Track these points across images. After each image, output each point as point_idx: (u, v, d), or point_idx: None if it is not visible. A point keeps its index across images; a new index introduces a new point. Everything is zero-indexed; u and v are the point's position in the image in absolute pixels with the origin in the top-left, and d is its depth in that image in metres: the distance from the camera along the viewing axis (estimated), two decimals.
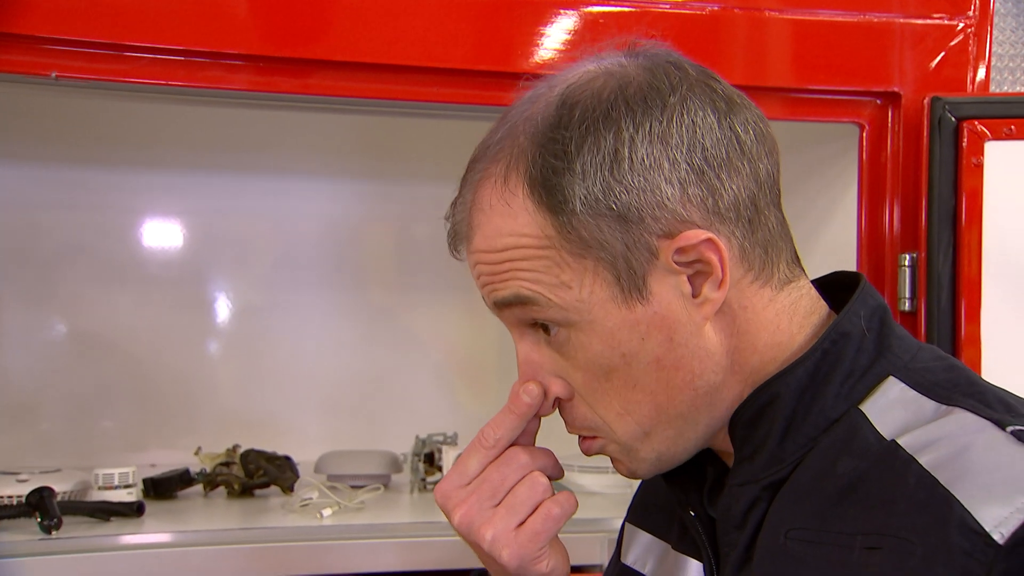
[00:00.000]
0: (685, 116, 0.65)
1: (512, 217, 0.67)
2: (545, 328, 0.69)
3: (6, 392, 1.84)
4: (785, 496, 0.65)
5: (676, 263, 0.65)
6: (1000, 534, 0.54)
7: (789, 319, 0.68)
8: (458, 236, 0.72)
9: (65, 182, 1.89)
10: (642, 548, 0.83)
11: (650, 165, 0.64)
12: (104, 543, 1.28)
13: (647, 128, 0.65)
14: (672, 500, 0.77)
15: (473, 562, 1.36)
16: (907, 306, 1.40)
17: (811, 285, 0.72)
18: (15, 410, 1.84)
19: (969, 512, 0.55)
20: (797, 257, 0.71)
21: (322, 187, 2.03)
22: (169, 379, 1.92)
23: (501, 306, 0.70)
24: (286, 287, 2.00)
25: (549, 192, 0.65)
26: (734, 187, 0.66)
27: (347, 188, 2.04)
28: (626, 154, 0.64)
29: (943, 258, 1.37)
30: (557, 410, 0.74)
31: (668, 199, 0.64)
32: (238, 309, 2.00)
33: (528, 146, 0.67)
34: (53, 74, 1.22)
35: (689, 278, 0.66)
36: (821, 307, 0.71)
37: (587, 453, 0.74)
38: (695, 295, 0.66)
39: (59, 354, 1.89)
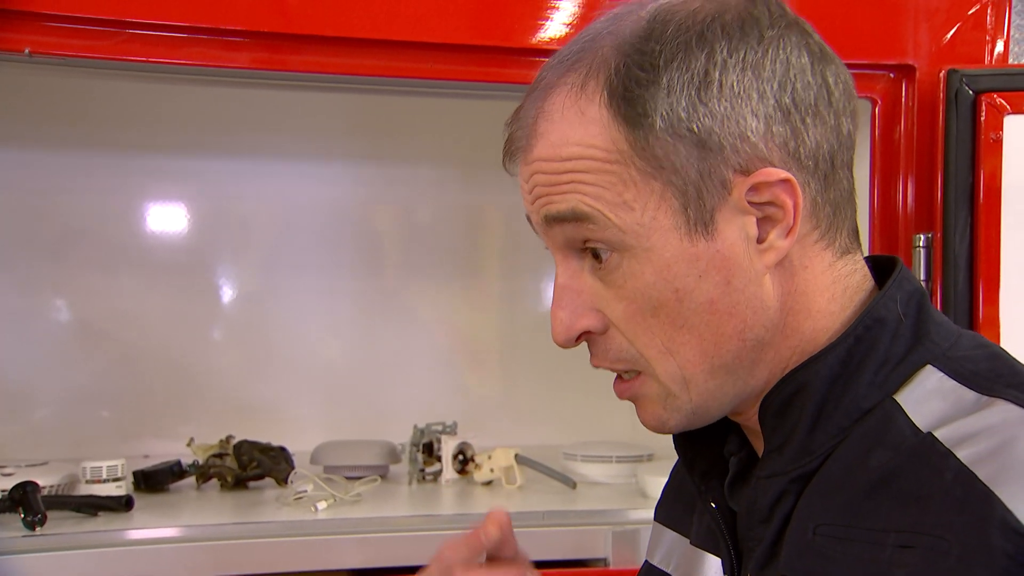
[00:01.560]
0: (780, 52, 0.62)
1: (584, 125, 0.63)
2: (595, 254, 0.65)
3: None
4: (814, 490, 0.62)
5: (749, 202, 0.61)
6: None
7: (843, 291, 0.65)
8: (514, 146, 0.67)
9: (64, 166, 1.85)
10: (667, 546, 0.80)
11: (739, 93, 0.61)
12: (91, 539, 1.24)
13: (741, 55, 0.61)
14: (692, 492, 0.73)
15: None
16: None
17: (864, 263, 0.67)
18: (8, 400, 1.80)
19: (1011, 511, 0.51)
20: (857, 230, 0.67)
21: (323, 170, 1.99)
22: (167, 368, 1.89)
23: (552, 221, 0.65)
24: (286, 271, 1.97)
25: (629, 103, 0.61)
26: (817, 135, 0.62)
27: (350, 171, 2.01)
28: (716, 77, 0.61)
29: (960, 238, 1.32)
30: (585, 344, 0.68)
31: (752, 132, 0.61)
32: (238, 294, 1.97)
33: (612, 55, 0.63)
34: (27, 50, 1.18)
35: (758, 221, 0.62)
36: (870, 285, 0.67)
37: (621, 396, 0.69)
38: (760, 240, 0.62)
39: (55, 342, 1.86)
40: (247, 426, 1.67)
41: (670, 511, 0.82)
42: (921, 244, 1.36)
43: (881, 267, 0.68)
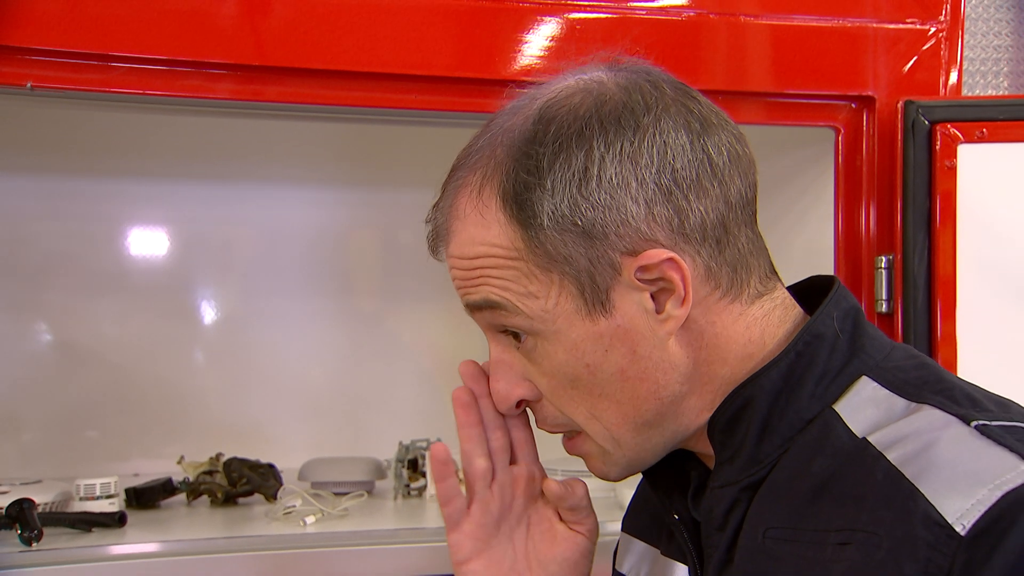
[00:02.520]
0: (657, 137, 0.67)
1: (485, 227, 0.69)
2: (515, 335, 0.71)
3: None
4: (763, 496, 0.66)
5: (639, 280, 0.67)
6: (962, 525, 0.55)
7: (761, 330, 0.70)
8: (438, 238, 0.75)
9: (49, 192, 1.89)
10: (636, 556, 0.84)
11: (617, 184, 0.66)
12: (86, 554, 1.27)
13: (618, 148, 0.66)
14: (658, 505, 0.78)
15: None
16: (884, 307, 1.42)
17: (787, 294, 0.73)
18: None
19: (933, 505, 0.56)
20: (773, 269, 0.73)
21: (306, 195, 2.03)
22: (153, 388, 1.92)
23: (473, 308, 0.72)
24: (270, 295, 2.00)
25: (520, 206, 0.68)
26: (702, 208, 0.67)
27: (331, 196, 2.04)
28: (595, 172, 0.66)
29: (919, 260, 1.39)
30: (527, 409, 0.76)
31: (633, 217, 0.66)
32: (222, 317, 2.00)
33: (504, 159, 0.69)
34: (29, 84, 1.22)
35: (653, 295, 0.67)
36: (795, 314, 0.72)
37: (569, 452, 0.76)
38: (659, 311, 0.67)
39: (42, 364, 1.88)
40: (234, 445, 1.70)
41: (638, 522, 0.87)
42: (883, 266, 1.43)
43: (822, 287, 0.73)
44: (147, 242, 1.96)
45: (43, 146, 1.86)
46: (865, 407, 0.66)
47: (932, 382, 0.67)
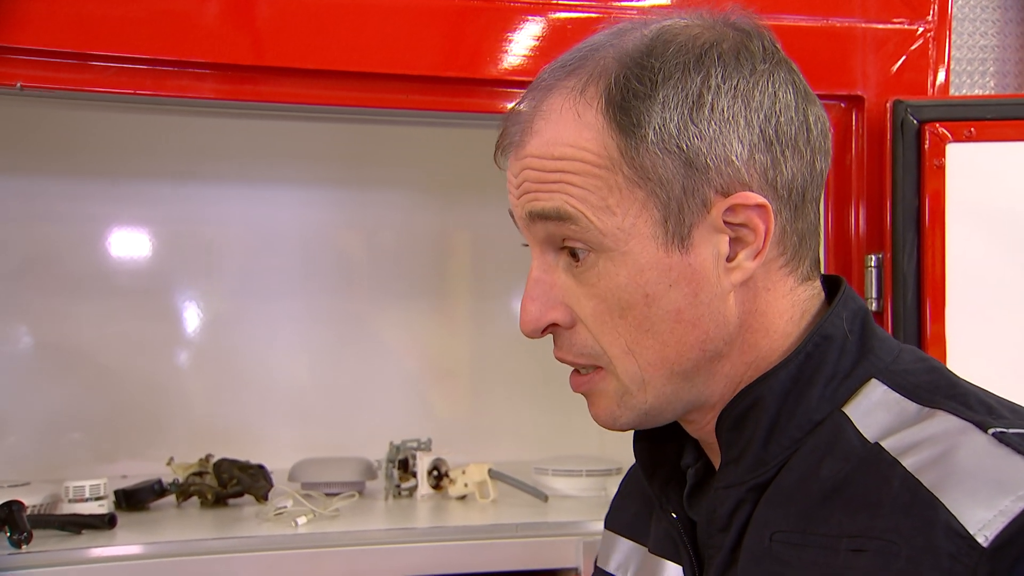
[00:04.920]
0: (769, 86, 0.66)
1: (579, 129, 0.66)
2: (572, 252, 0.68)
3: None
4: (770, 499, 0.65)
5: (724, 222, 0.65)
6: (984, 536, 0.54)
7: (801, 315, 0.69)
8: (508, 140, 0.70)
9: (29, 192, 1.87)
10: (622, 554, 0.83)
11: (728, 118, 0.64)
12: (76, 556, 1.26)
13: (734, 82, 0.65)
14: (651, 502, 0.77)
15: (449, 567, 1.36)
16: (874, 306, 1.43)
17: (821, 290, 0.72)
18: None
19: (954, 515, 0.55)
20: (819, 260, 0.72)
21: (292, 195, 2.02)
22: (139, 390, 1.90)
23: (536, 218, 0.68)
24: (256, 295, 1.99)
25: (625, 112, 0.64)
26: (793, 168, 0.66)
27: (317, 195, 2.04)
28: (709, 100, 0.64)
29: (908, 259, 1.40)
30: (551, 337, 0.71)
31: (736, 156, 0.64)
32: (208, 318, 1.98)
33: (613, 65, 0.66)
34: (18, 84, 1.22)
35: (730, 241, 0.66)
36: (822, 309, 0.71)
37: (576, 389, 0.72)
38: (730, 259, 0.66)
39: (26, 366, 1.87)
40: (222, 447, 1.69)
41: (623, 519, 0.85)
42: (873, 264, 1.44)
43: (828, 287, 0.72)
44: (131, 243, 1.95)
45: (25, 146, 1.84)
46: (876, 411, 0.65)
47: (944, 387, 0.66)
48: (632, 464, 0.85)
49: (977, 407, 0.63)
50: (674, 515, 0.73)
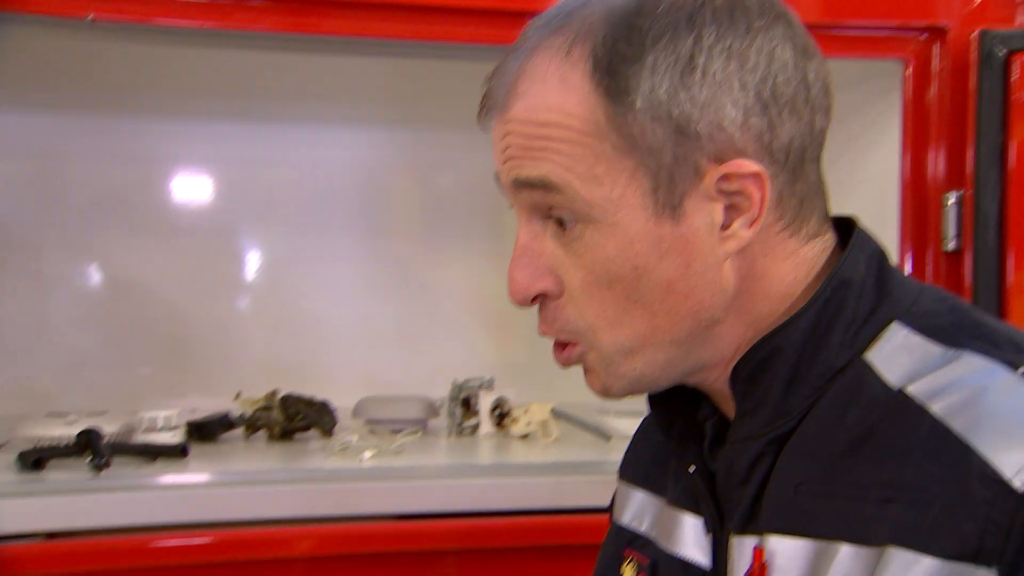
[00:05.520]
0: (766, 44, 0.62)
1: (564, 93, 0.62)
2: (559, 221, 0.65)
3: (50, 339, 1.87)
4: (793, 450, 0.63)
5: (718, 190, 0.62)
6: (1021, 480, 0.53)
7: (807, 272, 0.66)
8: (491, 102, 0.67)
9: (100, 130, 1.90)
10: (637, 506, 0.81)
11: (721, 81, 0.61)
12: (150, 482, 1.30)
13: (727, 43, 0.61)
14: (668, 455, 0.75)
15: (512, 503, 1.37)
16: (952, 245, 1.38)
17: (835, 241, 0.69)
18: (60, 356, 1.87)
19: (987, 460, 0.54)
20: (827, 214, 0.69)
21: (354, 134, 2.02)
22: (206, 327, 1.94)
23: (521, 186, 0.65)
24: (318, 235, 2.00)
25: (612, 77, 0.61)
26: (791, 130, 0.63)
27: (379, 134, 2.03)
28: (700, 63, 0.61)
29: (990, 198, 1.35)
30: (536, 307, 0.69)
31: (729, 122, 0.61)
32: (271, 258, 2.01)
33: (600, 25, 0.62)
34: (90, 16, 1.22)
35: (724, 209, 0.63)
36: (835, 260, 0.68)
37: (563, 363, 0.70)
38: (724, 227, 0.63)
39: (98, 302, 1.92)
40: (286, 384, 1.72)
41: (638, 470, 0.83)
42: (952, 202, 1.39)
43: (842, 228, 0.69)
44: (193, 182, 1.97)
45: (94, 84, 1.86)
46: (898, 355, 0.62)
47: (968, 326, 0.63)
48: (645, 415, 0.84)
49: (1004, 345, 0.61)
50: (693, 467, 0.71)
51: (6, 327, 1.85)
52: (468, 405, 1.68)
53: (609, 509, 0.87)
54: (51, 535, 1.19)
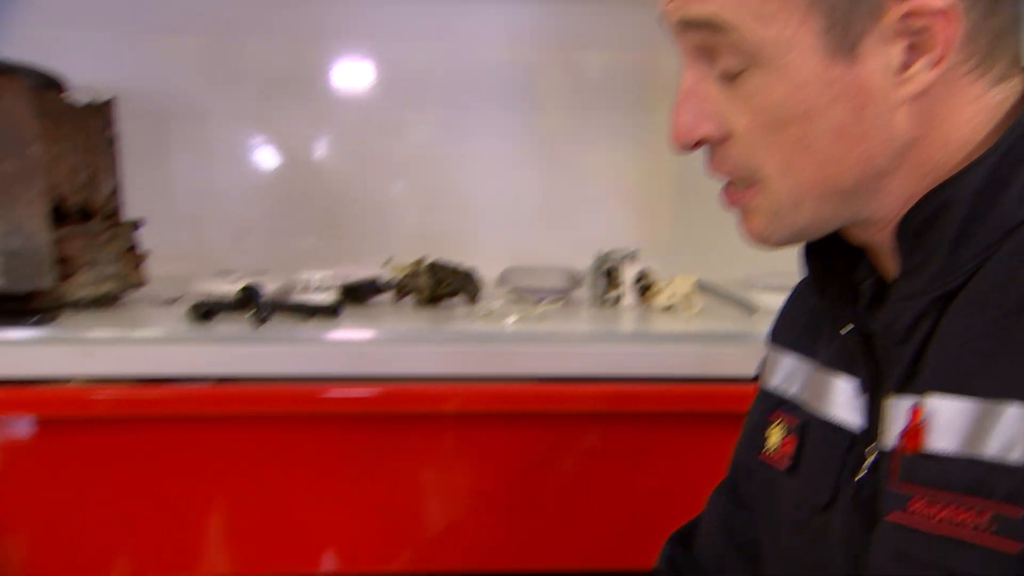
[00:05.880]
0: None
1: None
2: (725, 63, 0.63)
3: (219, 206, 1.98)
4: (960, 307, 0.60)
5: (899, 29, 0.58)
6: None
7: (989, 119, 0.61)
8: None
9: (268, 4, 1.94)
10: (788, 369, 0.79)
11: None
12: (307, 336, 1.37)
13: None
14: (822, 318, 0.73)
15: (654, 369, 1.36)
16: None
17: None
18: (225, 222, 1.99)
19: None
20: (1018, 57, 0.63)
21: (507, 9, 2.00)
22: (361, 199, 2.02)
23: (687, 26, 0.63)
24: (470, 111, 2.02)
25: None
26: None
27: (533, 9, 2.01)
28: None
29: None
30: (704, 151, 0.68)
31: None
32: (424, 133, 2.04)
33: None
34: None
35: (905, 49, 0.58)
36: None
37: (730, 203, 0.68)
38: (904, 69, 0.59)
39: (262, 175, 2.00)
40: (434, 255, 1.76)
41: (790, 334, 0.80)
42: None
43: None
44: (354, 59, 2.01)
45: None
46: None
47: None
48: (798, 282, 0.82)
49: None
50: (849, 327, 0.68)
51: (180, 194, 1.97)
52: (611, 276, 1.68)
53: (755, 377, 0.85)
54: (220, 380, 1.28)
